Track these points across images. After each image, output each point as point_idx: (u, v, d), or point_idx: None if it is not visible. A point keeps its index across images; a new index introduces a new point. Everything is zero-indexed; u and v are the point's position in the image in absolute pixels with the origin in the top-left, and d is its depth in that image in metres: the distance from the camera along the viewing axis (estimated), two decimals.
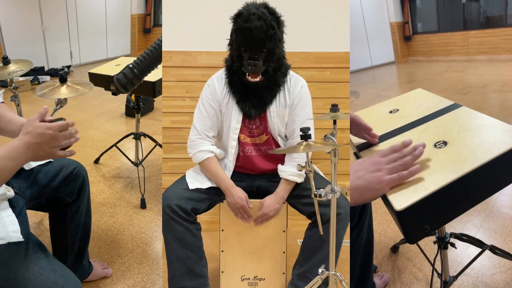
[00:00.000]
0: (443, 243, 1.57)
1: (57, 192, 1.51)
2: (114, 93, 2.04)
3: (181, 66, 2.06)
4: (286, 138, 1.58)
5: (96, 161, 3.14)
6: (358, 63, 8.93)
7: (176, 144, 2.11)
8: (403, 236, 1.36)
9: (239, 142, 1.54)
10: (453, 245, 1.62)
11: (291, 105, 1.52)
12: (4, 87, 2.22)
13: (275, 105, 1.50)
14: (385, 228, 2.25)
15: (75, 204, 1.60)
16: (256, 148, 1.55)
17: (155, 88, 2.41)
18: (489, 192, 1.02)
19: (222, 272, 1.56)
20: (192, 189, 1.47)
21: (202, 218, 1.49)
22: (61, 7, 7.56)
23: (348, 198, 1.43)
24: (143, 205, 2.47)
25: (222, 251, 1.55)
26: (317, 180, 1.50)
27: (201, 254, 1.47)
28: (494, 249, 1.66)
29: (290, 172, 1.47)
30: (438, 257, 1.57)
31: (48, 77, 6.45)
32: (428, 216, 0.96)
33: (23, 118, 1.39)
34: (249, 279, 1.56)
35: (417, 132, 1.30)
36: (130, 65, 1.69)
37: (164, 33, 1.96)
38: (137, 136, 2.76)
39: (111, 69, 2.65)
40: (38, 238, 1.21)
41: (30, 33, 6.97)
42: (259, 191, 1.56)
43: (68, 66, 7.49)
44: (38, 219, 2.30)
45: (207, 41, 2.02)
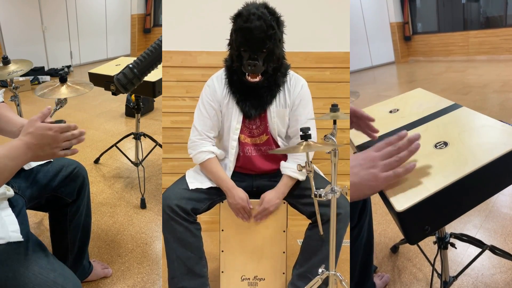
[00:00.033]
0: (443, 243, 1.57)
1: (57, 192, 1.51)
2: (114, 93, 2.04)
3: (181, 66, 2.06)
4: (286, 138, 1.58)
5: (96, 161, 3.14)
6: (358, 63, 8.93)
7: (176, 144, 2.11)
8: (403, 236, 1.36)
9: (239, 142, 1.54)
10: (453, 245, 1.62)
11: (292, 105, 1.51)
12: (4, 87, 2.22)
13: (275, 105, 1.50)
14: (385, 228, 2.25)
15: (75, 204, 1.60)
16: (256, 148, 1.55)
17: (155, 88, 2.41)
18: (490, 193, 1.02)
19: (222, 272, 1.56)
20: (192, 189, 1.47)
21: (202, 218, 1.49)
22: (61, 7, 7.56)
23: (348, 198, 1.43)
24: (143, 205, 2.47)
25: (222, 251, 1.55)
26: (317, 180, 1.50)
27: (201, 254, 1.48)
28: (494, 249, 1.66)
29: (293, 169, 1.47)
30: (438, 257, 1.57)
31: (48, 77, 6.45)
32: (429, 217, 0.96)
33: (23, 118, 1.39)
34: (249, 279, 1.56)
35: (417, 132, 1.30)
36: (130, 65, 1.69)
37: (164, 33, 1.96)
38: (137, 136, 2.76)
39: (111, 69, 2.65)
40: (38, 238, 1.21)
41: (30, 33, 6.97)
42: (259, 191, 1.56)
43: (68, 66, 7.49)
44: (38, 219, 2.30)
45: (207, 41, 2.02)
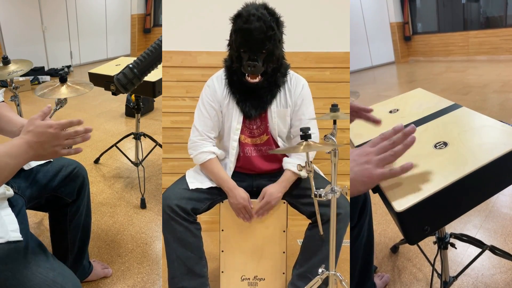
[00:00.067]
0: (443, 243, 1.57)
1: (57, 192, 1.51)
2: (114, 93, 2.04)
3: (181, 66, 2.06)
4: (287, 139, 1.58)
5: (96, 161, 3.14)
6: (358, 63, 8.93)
7: (176, 144, 2.11)
8: (403, 236, 1.36)
9: (239, 142, 1.54)
10: (453, 245, 1.62)
11: (294, 106, 1.52)
12: (4, 87, 2.22)
13: (276, 105, 1.50)
14: (385, 228, 2.25)
15: (75, 204, 1.60)
16: (256, 148, 1.55)
17: (155, 88, 2.41)
18: (489, 193, 1.02)
19: (222, 272, 1.56)
20: (192, 189, 1.47)
21: (202, 218, 1.49)
22: (61, 7, 7.56)
23: (348, 198, 1.43)
24: (143, 205, 2.47)
25: (222, 251, 1.55)
26: (317, 180, 1.50)
27: (201, 254, 1.47)
28: (494, 250, 1.66)
29: (295, 164, 1.47)
30: (438, 257, 1.57)
31: (48, 77, 6.45)
32: (429, 217, 0.96)
33: (23, 118, 1.38)
34: (249, 279, 1.56)
35: (417, 132, 1.29)
36: (130, 65, 1.69)
37: (164, 33, 1.96)
38: (137, 136, 2.76)
39: (111, 69, 2.65)
40: (37, 238, 1.21)
41: (30, 33, 6.97)
42: (259, 191, 1.55)
43: (68, 66, 7.49)
44: (38, 219, 2.30)
45: (207, 41, 2.02)
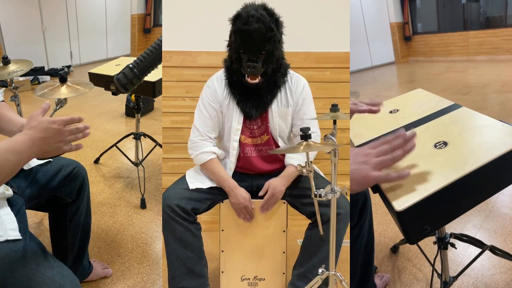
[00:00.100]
0: (443, 244, 1.57)
1: (57, 192, 1.51)
2: (114, 93, 2.04)
3: (181, 66, 2.06)
4: (288, 139, 1.58)
5: (96, 161, 3.14)
6: (358, 63, 8.93)
7: (176, 144, 2.11)
8: (403, 237, 1.36)
9: (240, 143, 1.53)
10: (453, 245, 1.62)
11: (295, 105, 1.52)
12: (4, 87, 2.22)
13: (277, 104, 1.50)
14: (385, 228, 2.25)
15: (74, 204, 1.60)
16: (256, 149, 1.55)
17: (155, 88, 2.41)
18: (489, 192, 1.02)
19: (222, 272, 1.56)
20: (192, 189, 1.47)
21: (202, 218, 1.49)
22: (61, 7, 7.56)
23: (348, 198, 1.43)
24: (143, 205, 2.47)
25: (222, 251, 1.55)
26: (317, 180, 1.50)
27: (201, 254, 1.47)
28: (494, 250, 1.66)
29: (298, 159, 1.48)
30: (438, 257, 1.57)
31: (48, 77, 6.45)
32: (429, 217, 0.96)
33: (23, 118, 1.38)
34: (249, 279, 1.56)
35: (417, 132, 1.30)
36: (130, 65, 1.69)
37: (164, 33, 1.96)
38: (137, 136, 2.76)
39: (111, 69, 2.65)
40: (36, 237, 1.21)
41: (30, 33, 6.97)
42: (259, 191, 1.56)
43: (68, 66, 7.49)
44: (38, 219, 2.30)
45: (207, 41, 2.02)
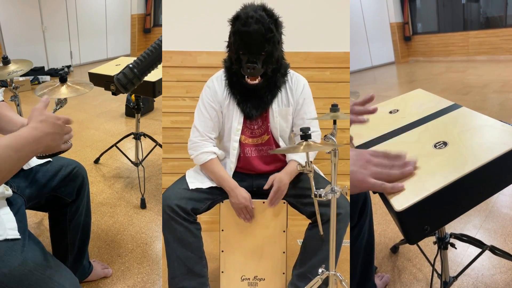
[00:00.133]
0: (443, 244, 1.57)
1: (57, 192, 1.51)
2: (114, 93, 2.04)
3: (181, 66, 2.06)
4: (289, 139, 1.58)
5: (96, 161, 3.14)
6: (358, 64, 8.93)
7: (176, 144, 2.11)
8: (403, 237, 1.36)
9: (240, 143, 1.53)
10: (453, 245, 1.62)
11: (296, 105, 1.52)
12: (4, 87, 2.22)
13: (277, 104, 1.50)
14: (385, 228, 2.25)
15: (74, 204, 1.60)
16: (257, 149, 1.55)
17: (155, 88, 2.41)
18: (489, 192, 1.02)
19: (222, 272, 1.56)
20: (192, 189, 1.47)
21: (202, 218, 1.49)
22: (61, 7, 7.56)
23: (348, 198, 1.43)
24: (143, 205, 2.47)
25: (222, 251, 1.55)
26: (317, 180, 1.50)
27: (201, 254, 1.47)
28: (494, 250, 1.66)
29: (301, 156, 1.48)
30: (438, 257, 1.57)
31: (48, 77, 6.45)
32: (428, 217, 0.96)
33: (23, 118, 1.38)
34: (249, 279, 1.56)
35: (417, 132, 1.30)
36: (130, 65, 1.69)
37: (164, 33, 1.96)
38: (137, 136, 2.76)
39: (111, 69, 2.65)
40: (35, 236, 1.21)
41: (30, 33, 6.97)
42: (259, 191, 1.56)
43: (68, 66, 7.49)
44: (38, 219, 2.30)
45: (207, 41, 2.02)
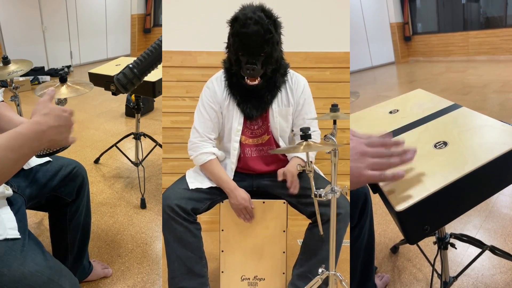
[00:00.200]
0: (443, 244, 1.57)
1: (57, 192, 1.51)
2: (114, 93, 2.04)
3: (181, 66, 2.06)
4: (289, 138, 1.58)
5: (96, 161, 3.14)
6: (358, 64, 8.93)
7: (176, 144, 2.11)
8: (403, 237, 1.36)
9: (240, 143, 1.53)
10: (453, 245, 1.62)
11: (296, 105, 1.52)
12: (4, 87, 2.22)
13: (277, 104, 1.50)
14: (385, 228, 2.25)
15: (74, 204, 1.60)
16: (257, 149, 1.55)
17: (155, 88, 2.41)
18: (489, 192, 1.02)
19: (222, 272, 1.56)
20: (192, 189, 1.47)
21: (202, 218, 1.49)
22: (61, 7, 7.56)
23: (348, 198, 1.43)
24: (143, 205, 2.47)
25: (222, 251, 1.55)
26: (317, 180, 1.50)
27: (201, 254, 1.48)
28: (494, 250, 1.66)
29: (302, 154, 1.48)
30: (438, 257, 1.57)
31: (48, 77, 6.44)
32: (428, 217, 0.96)
33: (23, 118, 1.38)
34: (249, 279, 1.56)
35: (417, 132, 1.30)
36: (130, 65, 1.69)
37: (164, 33, 1.96)
38: (137, 136, 2.76)
39: (111, 69, 2.65)
40: (35, 236, 1.20)
41: (30, 33, 6.97)
42: (259, 191, 1.56)
43: (68, 66, 7.49)
44: (38, 219, 2.30)
45: (207, 41, 2.02)
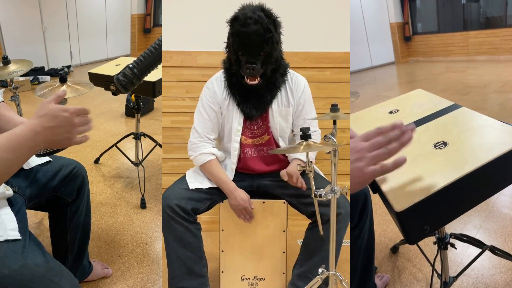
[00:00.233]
0: (443, 244, 1.57)
1: (57, 192, 1.51)
2: (114, 93, 2.04)
3: (181, 66, 2.07)
4: (289, 139, 1.58)
5: (96, 161, 3.14)
6: (358, 64, 8.93)
7: (176, 144, 2.11)
8: (403, 237, 1.36)
9: (240, 143, 1.53)
10: (453, 245, 1.62)
11: (297, 105, 1.52)
12: (4, 87, 2.23)
13: (277, 104, 1.50)
14: (385, 228, 2.25)
15: (74, 204, 1.60)
16: (257, 149, 1.55)
17: (155, 88, 2.41)
18: (489, 192, 1.02)
19: (222, 272, 1.56)
20: (192, 189, 1.47)
21: (202, 218, 1.50)
22: (61, 7, 7.56)
23: (348, 198, 1.43)
24: (143, 205, 2.47)
25: (222, 251, 1.55)
26: (317, 180, 1.50)
27: (201, 254, 1.48)
28: (494, 250, 1.66)
29: (302, 155, 1.48)
30: (438, 257, 1.57)
31: (48, 77, 6.45)
32: (428, 217, 0.96)
33: (23, 118, 1.38)
34: (249, 279, 1.56)
35: (417, 132, 1.29)
36: (130, 65, 1.69)
37: (164, 33, 1.96)
38: (137, 136, 2.76)
39: (111, 69, 2.65)
40: (36, 237, 1.21)
41: (30, 33, 6.97)
42: (259, 191, 1.56)
43: (68, 66, 7.49)
44: (38, 219, 2.30)
45: (207, 41, 2.02)
